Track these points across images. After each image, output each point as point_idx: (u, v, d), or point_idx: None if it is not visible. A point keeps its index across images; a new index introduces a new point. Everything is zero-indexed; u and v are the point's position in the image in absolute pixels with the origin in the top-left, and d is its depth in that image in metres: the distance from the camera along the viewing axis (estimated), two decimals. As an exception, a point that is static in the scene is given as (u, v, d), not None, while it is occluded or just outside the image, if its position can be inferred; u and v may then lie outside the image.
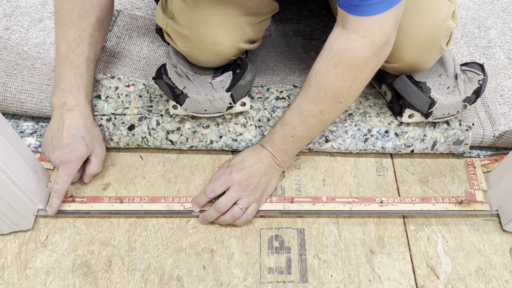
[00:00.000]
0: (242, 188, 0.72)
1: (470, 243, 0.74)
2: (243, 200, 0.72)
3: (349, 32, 0.64)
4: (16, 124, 0.83)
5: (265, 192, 0.75)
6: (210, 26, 0.71)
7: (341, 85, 0.67)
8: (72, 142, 0.71)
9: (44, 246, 0.71)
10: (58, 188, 0.70)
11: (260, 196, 0.74)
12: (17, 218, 0.68)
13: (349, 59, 0.64)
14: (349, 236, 0.74)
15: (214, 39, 0.72)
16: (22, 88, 0.80)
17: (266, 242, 0.73)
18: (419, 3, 0.70)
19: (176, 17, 0.73)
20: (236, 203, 0.72)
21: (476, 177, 0.82)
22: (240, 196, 0.72)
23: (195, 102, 0.73)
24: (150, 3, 1.02)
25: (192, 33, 0.72)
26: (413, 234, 0.75)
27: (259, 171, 0.73)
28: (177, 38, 0.75)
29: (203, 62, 0.77)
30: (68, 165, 0.70)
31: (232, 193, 0.72)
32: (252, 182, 0.72)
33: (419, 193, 0.80)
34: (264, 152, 0.75)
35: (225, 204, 0.71)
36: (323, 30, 0.99)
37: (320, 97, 0.69)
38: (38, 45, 0.90)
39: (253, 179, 0.73)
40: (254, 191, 0.72)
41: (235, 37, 0.73)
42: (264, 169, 0.74)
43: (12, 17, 0.96)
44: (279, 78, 0.89)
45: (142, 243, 0.72)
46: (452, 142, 0.80)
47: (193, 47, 0.74)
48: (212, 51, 0.74)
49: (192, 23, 0.72)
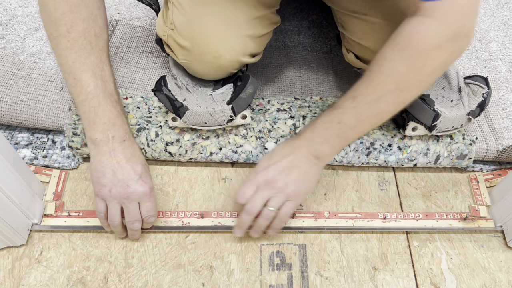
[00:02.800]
0: (268, 186, 0.65)
1: (474, 260, 0.73)
2: (272, 199, 0.65)
3: (422, 17, 0.57)
4: (11, 135, 0.81)
5: (300, 189, 0.66)
6: (212, 39, 0.70)
7: (406, 70, 0.59)
8: (143, 170, 0.66)
9: (38, 262, 0.69)
10: (154, 220, 0.68)
11: (294, 193, 0.66)
12: (10, 233, 0.66)
13: (420, 42, 0.57)
14: (351, 252, 0.73)
15: (216, 52, 0.71)
16: (17, 99, 0.78)
17: (267, 258, 0.71)
18: None
19: (178, 29, 0.71)
20: (266, 204, 0.66)
21: (480, 192, 0.80)
22: (269, 196, 0.65)
23: (195, 115, 0.72)
24: (149, 12, 1.01)
25: (194, 45, 0.71)
26: (416, 250, 0.73)
27: (288, 165, 0.66)
28: (177, 50, 0.74)
29: (203, 74, 0.76)
30: (152, 193, 0.66)
31: (259, 193, 0.65)
32: (279, 178, 0.65)
33: (422, 208, 0.79)
34: (299, 141, 0.67)
35: (253, 204, 0.65)
36: (324, 41, 0.98)
37: (380, 81, 0.61)
38: (34, 55, 0.88)
39: (281, 175, 0.65)
40: (284, 187, 0.65)
41: (237, 51, 0.72)
42: (296, 162, 0.66)
43: (8, 26, 0.94)
44: (280, 90, 0.88)
45: (140, 259, 0.70)
46: (456, 156, 0.79)
47: (194, 59, 0.73)
48: (213, 64, 0.72)
49: (194, 36, 0.70)
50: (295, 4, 1.05)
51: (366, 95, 0.62)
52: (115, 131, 0.64)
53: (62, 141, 0.81)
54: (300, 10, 1.04)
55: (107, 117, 0.64)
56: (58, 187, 0.76)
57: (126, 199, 0.64)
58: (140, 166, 0.66)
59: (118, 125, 0.65)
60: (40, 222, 0.71)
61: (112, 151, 0.64)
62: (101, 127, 0.64)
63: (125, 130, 0.66)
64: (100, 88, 0.63)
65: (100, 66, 0.64)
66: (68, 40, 0.61)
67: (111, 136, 0.64)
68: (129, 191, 0.64)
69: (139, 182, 0.64)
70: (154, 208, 0.67)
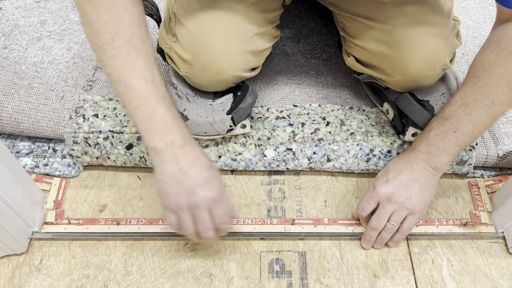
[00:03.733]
0: (391, 202, 0.68)
1: (476, 267, 0.72)
2: (394, 215, 0.68)
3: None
4: (12, 144, 0.82)
5: (421, 202, 0.68)
6: (215, 55, 0.70)
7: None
8: (210, 174, 0.61)
9: (38, 270, 0.69)
10: (227, 226, 0.64)
11: (416, 207, 0.68)
12: (10, 241, 0.66)
13: None
14: (351, 259, 0.72)
15: (219, 68, 0.71)
16: (18, 108, 0.79)
17: (267, 265, 0.71)
18: (426, 18, 0.70)
19: (180, 42, 0.71)
20: (389, 219, 0.69)
21: (481, 198, 0.80)
22: (391, 211, 0.68)
23: (195, 125, 0.72)
24: (149, 22, 1.02)
25: (196, 60, 0.71)
26: (417, 257, 0.73)
27: (408, 178, 0.68)
28: (179, 62, 0.74)
29: (204, 87, 0.76)
30: (221, 198, 0.61)
31: (381, 209, 0.69)
32: (401, 193, 0.68)
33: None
34: (415, 155, 0.69)
35: (378, 222, 0.69)
36: (323, 48, 0.99)
37: (492, 86, 0.63)
38: (36, 64, 0.89)
39: (402, 190, 0.68)
40: (406, 202, 0.68)
41: (239, 66, 0.72)
42: (415, 175, 0.68)
43: (10, 36, 0.95)
44: (279, 97, 0.88)
45: (139, 267, 0.70)
46: (455, 162, 0.79)
47: (196, 73, 0.73)
48: (215, 78, 0.73)
49: (197, 50, 0.70)
50: (294, 12, 1.05)
51: (479, 101, 0.64)
52: (174, 136, 0.60)
53: (63, 150, 0.81)
54: (299, 18, 1.04)
55: (163, 122, 0.59)
56: (58, 195, 0.77)
57: (194, 208, 0.60)
58: (205, 170, 0.61)
59: (176, 128, 0.60)
60: (40, 230, 0.72)
61: (174, 158, 0.59)
62: (158, 134, 0.59)
63: (184, 134, 0.61)
64: (152, 92, 0.59)
65: (149, 70, 0.59)
66: (113, 48, 0.57)
67: (171, 141, 0.59)
68: (196, 199, 0.59)
69: (205, 188, 0.60)
70: (226, 214, 0.63)
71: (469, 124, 0.65)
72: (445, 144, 0.67)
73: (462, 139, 0.66)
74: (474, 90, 0.65)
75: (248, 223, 0.75)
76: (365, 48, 0.76)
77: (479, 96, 0.64)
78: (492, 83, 0.63)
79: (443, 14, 0.71)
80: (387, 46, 0.72)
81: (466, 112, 0.65)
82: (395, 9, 0.72)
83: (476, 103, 0.64)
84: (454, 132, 0.66)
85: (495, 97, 0.64)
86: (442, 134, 0.67)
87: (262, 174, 0.82)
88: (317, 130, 0.81)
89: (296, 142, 0.79)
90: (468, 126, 0.65)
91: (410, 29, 0.69)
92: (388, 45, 0.72)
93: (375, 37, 0.74)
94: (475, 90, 0.65)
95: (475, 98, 0.65)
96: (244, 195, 0.79)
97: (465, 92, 0.66)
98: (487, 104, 0.64)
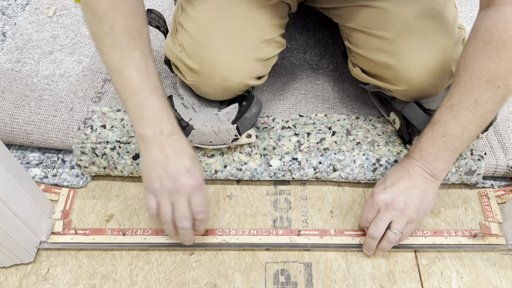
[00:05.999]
0: (390, 209, 0.66)
1: (486, 279, 0.71)
2: (395, 222, 0.67)
3: (498, 6, 0.57)
4: (23, 155, 0.84)
5: (420, 209, 0.67)
6: (221, 63, 0.71)
7: (496, 65, 0.58)
8: (193, 164, 0.64)
9: (45, 280, 0.70)
10: (204, 216, 0.66)
11: (415, 213, 0.67)
12: (18, 251, 0.67)
13: (502, 33, 0.56)
14: (358, 270, 0.71)
15: (224, 75, 0.72)
16: (29, 120, 0.80)
17: (272, 276, 0.70)
18: (430, 27, 0.70)
19: (186, 51, 0.73)
20: (389, 227, 0.67)
21: (491, 209, 0.78)
22: (390, 218, 0.67)
23: (200, 134, 0.73)
24: (158, 35, 1.03)
25: (202, 68, 0.72)
26: (425, 269, 0.72)
27: (406, 185, 0.67)
28: (185, 71, 0.75)
29: (210, 95, 0.77)
30: (201, 187, 0.64)
31: (381, 216, 0.67)
32: (400, 199, 0.66)
33: (430, 225, 0.77)
34: (411, 162, 0.68)
35: (376, 229, 0.67)
36: (330, 59, 0.99)
37: (472, 85, 0.60)
38: (47, 77, 0.91)
39: (401, 196, 0.66)
40: (405, 209, 0.66)
41: (245, 74, 0.73)
42: (413, 182, 0.67)
43: (23, 50, 0.98)
44: (285, 108, 0.88)
45: (144, 277, 0.70)
46: (464, 172, 0.78)
47: (202, 81, 0.74)
48: (221, 86, 0.74)
49: (203, 58, 0.72)
50: (301, 24, 1.06)
51: (463, 101, 0.61)
52: (163, 125, 0.63)
53: (72, 160, 0.83)
54: (306, 29, 1.05)
55: (153, 111, 0.63)
56: (66, 205, 0.78)
57: (175, 192, 0.63)
58: (189, 160, 0.64)
59: (165, 119, 0.64)
60: (48, 240, 0.72)
61: (160, 146, 0.63)
62: (149, 122, 0.63)
63: (172, 124, 0.64)
64: (145, 83, 0.62)
65: (144, 61, 0.62)
66: (112, 37, 0.60)
67: (159, 130, 0.63)
68: (178, 184, 0.63)
69: (187, 175, 0.63)
70: (203, 203, 0.65)
71: (456, 127, 0.63)
72: (435, 149, 0.65)
73: (452, 143, 0.64)
74: (458, 91, 0.62)
75: (254, 234, 0.75)
76: (370, 59, 0.76)
77: (462, 96, 0.61)
78: (473, 81, 0.60)
79: (447, 23, 0.71)
80: (391, 56, 0.72)
81: (452, 114, 0.63)
82: (398, 19, 0.72)
83: (460, 104, 0.62)
84: (442, 136, 0.64)
85: (477, 96, 0.60)
86: (431, 139, 0.65)
87: (268, 185, 0.82)
88: (322, 140, 0.80)
89: (302, 152, 0.79)
90: (456, 129, 0.63)
91: (413, 38, 0.69)
92: (392, 55, 0.72)
93: (379, 47, 0.74)
94: (458, 90, 0.62)
95: (459, 99, 0.62)
96: (250, 205, 0.79)
97: (451, 93, 0.63)
98: (471, 104, 0.61)
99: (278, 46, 0.77)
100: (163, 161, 0.63)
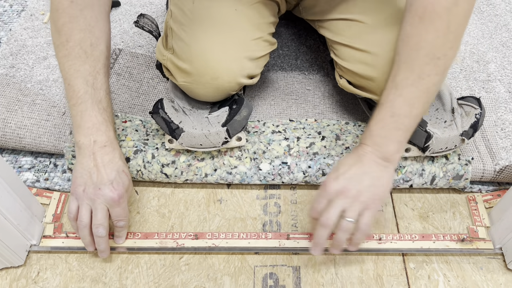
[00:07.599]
0: (341, 196, 0.63)
1: (473, 283, 0.71)
2: (347, 210, 0.63)
3: None
4: (15, 159, 0.84)
5: (374, 195, 0.64)
6: (210, 61, 0.73)
7: (433, 37, 0.58)
8: (117, 176, 0.68)
9: (35, 283, 0.70)
10: (124, 224, 0.70)
11: (370, 200, 0.63)
12: (8, 254, 0.68)
13: (436, 5, 0.57)
14: (346, 274, 0.72)
15: (214, 73, 0.73)
16: (21, 124, 0.81)
17: (260, 280, 0.71)
18: None
19: (177, 52, 0.74)
20: (343, 216, 0.63)
21: (478, 213, 0.79)
22: (343, 206, 0.63)
23: (190, 137, 0.74)
24: (151, 41, 1.05)
25: (192, 67, 0.73)
26: (413, 272, 0.72)
27: (358, 172, 0.64)
28: (176, 72, 0.76)
29: (202, 96, 0.78)
30: (120, 200, 0.67)
31: (332, 204, 0.63)
32: (351, 186, 0.63)
33: (419, 229, 0.78)
34: (362, 148, 0.66)
35: (328, 216, 0.63)
36: (321, 65, 1.00)
37: (413, 59, 0.60)
38: (41, 82, 0.92)
39: (352, 183, 0.63)
40: (358, 195, 0.63)
41: (235, 72, 0.74)
42: (366, 168, 0.65)
43: (18, 56, 0.99)
44: (276, 113, 0.89)
45: (134, 280, 0.70)
46: (452, 177, 0.79)
47: (193, 81, 0.75)
48: (211, 85, 0.75)
49: (192, 58, 0.73)
50: (293, 30, 1.08)
51: (406, 78, 0.61)
52: (98, 136, 0.67)
53: (63, 165, 0.83)
54: (298, 36, 1.06)
55: (91, 122, 0.67)
56: (57, 209, 0.78)
57: (95, 201, 0.66)
58: (115, 172, 0.68)
59: (102, 131, 0.68)
60: (39, 243, 0.73)
61: (92, 155, 0.67)
62: (85, 131, 0.67)
63: (108, 137, 0.69)
64: (89, 94, 0.66)
65: (93, 75, 0.67)
66: (66, 49, 0.65)
67: (93, 140, 0.67)
68: (99, 193, 0.66)
69: (109, 187, 0.66)
70: (123, 214, 0.69)
71: (404, 104, 0.62)
72: (385, 131, 0.64)
73: (401, 122, 0.63)
74: (400, 68, 0.61)
75: (243, 238, 0.75)
76: (354, 71, 0.77)
77: (405, 73, 0.61)
78: (412, 56, 0.60)
79: None
80: (373, 69, 0.73)
81: (398, 93, 0.62)
82: (379, 33, 0.73)
83: (405, 82, 0.61)
84: (391, 117, 0.63)
85: (420, 70, 0.60)
86: (380, 122, 0.64)
87: (258, 189, 0.83)
88: (312, 145, 0.81)
89: (291, 156, 0.80)
90: (404, 107, 0.62)
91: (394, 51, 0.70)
92: (374, 68, 0.73)
93: (361, 60, 0.75)
94: (400, 67, 0.61)
95: (402, 77, 0.61)
96: (240, 209, 0.80)
97: (393, 73, 0.62)
98: (415, 80, 0.60)
99: (268, 45, 0.78)
100: (92, 169, 0.67)
